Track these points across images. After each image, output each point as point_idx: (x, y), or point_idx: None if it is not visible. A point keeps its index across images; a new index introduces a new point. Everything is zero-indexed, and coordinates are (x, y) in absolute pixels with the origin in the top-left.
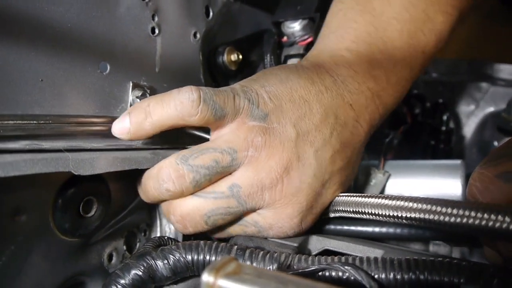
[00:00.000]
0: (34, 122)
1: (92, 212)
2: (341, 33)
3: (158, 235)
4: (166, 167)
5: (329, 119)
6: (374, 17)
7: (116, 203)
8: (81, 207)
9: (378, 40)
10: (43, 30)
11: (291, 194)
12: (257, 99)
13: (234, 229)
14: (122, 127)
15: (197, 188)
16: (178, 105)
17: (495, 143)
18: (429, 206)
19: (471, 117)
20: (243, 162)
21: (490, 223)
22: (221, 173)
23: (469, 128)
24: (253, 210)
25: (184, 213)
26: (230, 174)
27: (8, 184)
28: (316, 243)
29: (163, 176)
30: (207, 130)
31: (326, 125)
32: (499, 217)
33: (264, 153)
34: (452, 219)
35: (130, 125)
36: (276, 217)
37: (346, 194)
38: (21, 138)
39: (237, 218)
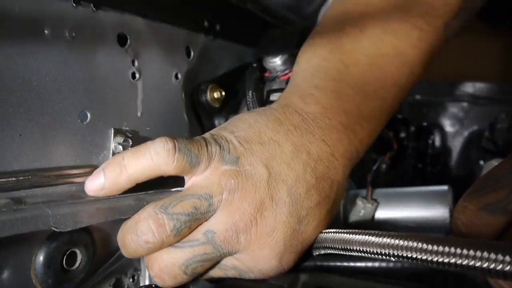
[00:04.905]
0: (13, 178)
1: (77, 265)
2: (311, 71)
3: (147, 280)
4: (145, 218)
5: (300, 156)
6: (343, 54)
7: (102, 251)
8: (64, 260)
9: (347, 75)
10: (19, 85)
11: (266, 234)
12: (227, 145)
13: (215, 273)
14: (96, 184)
15: (178, 237)
16: (154, 156)
17: (481, 162)
18: (415, 244)
19: (457, 137)
20: (218, 207)
21: (478, 262)
22: (199, 219)
23: (455, 148)
24: (231, 254)
25: (161, 266)
26: (207, 220)
27: None
28: (308, 281)
29: (142, 228)
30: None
31: (298, 162)
32: (491, 256)
33: (237, 196)
34: (440, 258)
35: (105, 181)
36: (255, 260)
37: (332, 230)
38: (0, 197)
39: (217, 263)
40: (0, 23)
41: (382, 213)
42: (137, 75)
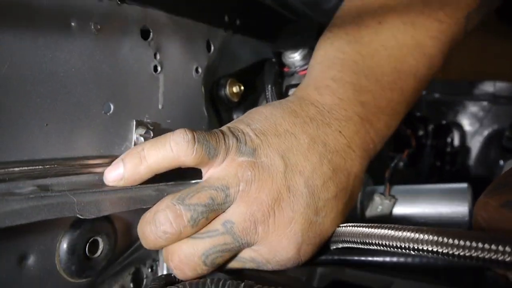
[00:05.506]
0: (40, 167)
1: (99, 253)
2: (328, 64)
3: (165, 270)
4: (163, 209)
5: (317, 148)
6: (361, 46)
7: (122, 241)
8: (87, 248)
9: (364, 67)
10: (46, 76)
11: (284, 225)
12: (243, 137)
13: (233, 265)
14: (116, 174)
15: (195, 227)
16: (174, 146)
17: (501, 162)
18: (435, 237)
19: (476, 136)
20: (235, 198)
21: (500, 256)
22: (217, 210)
23: (474, 148)
24: (249, 246)
25: (181, 257)
26: (224, 211)
27: (14, 230)
28: (325, 274)
29: (160, 218)
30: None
31: (314, 153)
32: (507, 249)
33: (254, 187)
34: (461, 252)
35: (124, 171)
36: (273, 252)
37: (350, 224)
38: (27, 184)
39: (235, 254)
40: (29, 16)
41: (400, 210)
42: (159, 68)
